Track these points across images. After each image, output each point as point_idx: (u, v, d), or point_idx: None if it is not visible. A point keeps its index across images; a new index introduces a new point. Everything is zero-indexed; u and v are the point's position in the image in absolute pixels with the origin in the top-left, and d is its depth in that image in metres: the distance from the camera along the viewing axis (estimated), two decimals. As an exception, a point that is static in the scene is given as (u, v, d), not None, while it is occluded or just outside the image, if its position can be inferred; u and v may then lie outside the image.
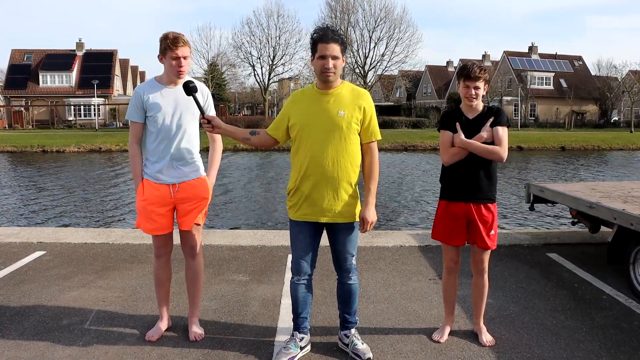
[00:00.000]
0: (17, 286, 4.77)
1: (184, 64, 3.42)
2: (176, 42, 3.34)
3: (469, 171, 3.55)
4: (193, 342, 3.68)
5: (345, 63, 3.34)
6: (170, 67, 3.41)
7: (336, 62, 3.20)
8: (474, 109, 3.59)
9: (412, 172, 22.10)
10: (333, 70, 3.19)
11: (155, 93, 3.48)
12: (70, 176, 20.17)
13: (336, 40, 3.18)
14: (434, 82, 71.76)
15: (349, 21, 51.69)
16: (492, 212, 3.61)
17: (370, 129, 3.34)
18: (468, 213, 3.59)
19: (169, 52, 3.36)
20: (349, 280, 3.49)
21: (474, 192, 3.56)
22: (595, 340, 3.75)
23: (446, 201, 3.67)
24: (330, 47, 3.16)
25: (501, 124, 3.52)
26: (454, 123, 3.59)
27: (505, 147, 3.49)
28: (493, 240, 3.62)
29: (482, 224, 3.57)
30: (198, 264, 3.78)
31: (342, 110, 3.23)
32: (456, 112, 3.64)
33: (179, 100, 3.49)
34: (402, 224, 11.60)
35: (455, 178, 3.61)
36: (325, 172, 3.24)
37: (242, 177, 20.04)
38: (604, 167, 25.27)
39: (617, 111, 66.22)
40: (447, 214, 3.65)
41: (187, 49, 3.40)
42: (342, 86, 3.32)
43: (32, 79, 54.45)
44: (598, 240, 6.47)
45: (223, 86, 56.05)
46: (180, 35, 3.40)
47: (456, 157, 3.57)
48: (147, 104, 3.46)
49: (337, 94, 3.28)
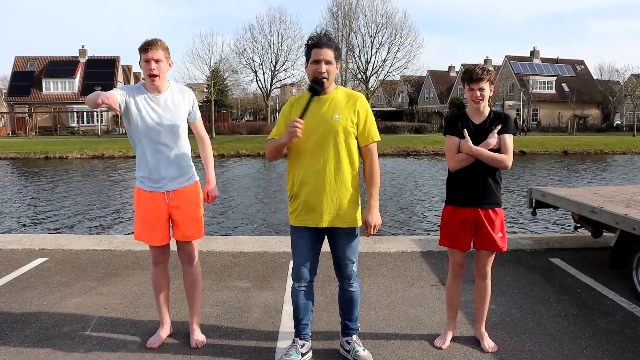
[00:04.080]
0: (19, 293, 4.77)
1: (154, 67, 3.37)
2: (148, 44, 3.35)
3: (476, 176, 3.55)
4: (194, 348, 3.67)
5: (340, 70, 3.33)
6: (144, 68, 3.40)
7: (329, 67, 3.20)
8: (480, 113, 3.58)
9: (413, 177, 22.08)
10: (326, 75, 3.19)
11: (140, 95, 3.44)
12: (73, 183, 20.20)
13: (329, 45, 3.19)
14: (436, 87, 71.78)
15: (351, 27, 51.69)
16: (499, 215, 3.61)
17: (367, 131, 3.31)
18: (475, 218, 3.59)
19: (142, 54, 3.37)
20: (349, 287, 3.48)
21: (481, 197, 3.56)
22: (598, 346, 3.73)
23: (453, 206, 3.66)
24: (323, 52, 3.17)
25: (508, 132, 3.53)
26: (459, 127, 3.58)
27: (511, 155, 3.51)
28: (502, 242, 3.62)
29: (490, 227, 3.57)
30: (196, 270, 3.78)
31: (337, 114, 3.23)
32: (461, 117, 3.63)
33: (166, 108, 3.46)
34: (405, 229, 11.58)
35: (462, 183, 3.60)
36: (323, 177, 3.24)
37: (244, 182, 20.05)
38: (606, 171, 25.21)
39: (620, 115, 66.10)
40: (453, 218, 3.64)
41: (159, 52, 3.37)
42: (336, 91, 3.32)
43: (35, 86, 54.66)
44: (601, 245, 6.44)
45: (225, 92, 56.07)
46: (156, 39, 3.39)
47: (463, 163, 3.56)
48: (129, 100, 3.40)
49: (332, 98, 3.28)
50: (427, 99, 73.45)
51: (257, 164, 28.93)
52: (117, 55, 58.24)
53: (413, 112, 62.91)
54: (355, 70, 51.36)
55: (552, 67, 63.54)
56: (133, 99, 3.43)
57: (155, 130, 3.44)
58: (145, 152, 3.49)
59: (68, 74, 55.37)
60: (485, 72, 3.49)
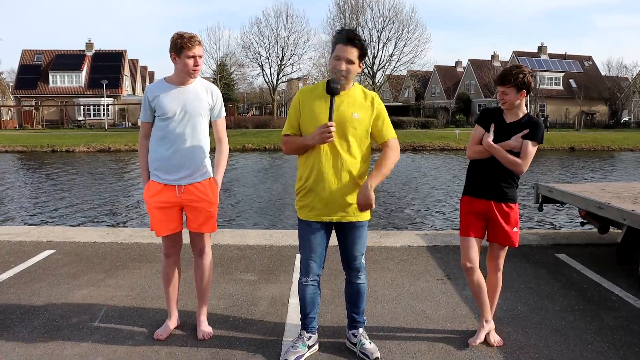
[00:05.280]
0: (27, 285, 4.81)
1: (200, 63, 3.45)
2: (192, 41, 3.38)
3: (492, 171, 3.55)
4: (201, 340, 3.69)
5: (362, 70, 3.31)
6: (185, 66, 3.41)
7: (350, 66, 3.16)
8: (514, 114, 3.55)
9: (420, 172, 22.05)
10: (344, 74, 3.16)
11: (164, 93, 3.49)
12: (80, 176, 20.29)
13: (355, 44, 3.14)
14: (443, 82, 71.54)
15: (358, 21, 51.64)
16: (513, 210, 3.61)
17: (385, 129, 3.31)
18: (489, 210, 3.59)
19: (186, 50, 3.38)
20: (357, 279, 3.49)
21: (494, 191, 3.57)
22: (604, 342, 3.73)
23: (468, 197, 3.67)
24: (347, 50, 3.13)
25: (534, 140, 3.48)
26: (490, 121, 3.58)
27: (528, 162, 3.47)
28: (515, 237, 3.62)
29: (503, 220, 3.57)
30: (207, 263, 3.80)
31: (356, 112, 3.22)
32: (497, 112, 3.63)
33: (188, 101, 3.50)
34: (411, 224, 11.58)
35: (478, 175, 3.62)
36: (336, 172, 3.23)
37: (250, 176, 20.08)
38: (613, 167, 25.11)
39: (628, 111, 65.73)
40: (468, 208, 3.66)
41: (201, 49, 3.45)
42: (354, 88, 3.30)
43: (42, 79, 54.85)
44: (607, 240, 6.43)
45: (232, 86, 56.16)
46: (195, 34, 3.44)
47: (478, 155, 3.59)
48: (154, 104, 3.49)
49: (350, 95, 3.26)
50: (433, 94, 73.21)
51: (264, 158, 28.97)
52: (124, 49, 58.35)
53: (419, 107, 62.74)
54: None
55: (559, 63, 63.21)
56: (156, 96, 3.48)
57: (180, 118, 3.48)
58: (160, 145, 3.52)
59: (75, 67, 55.52)
60: (511, 77, 3.40)
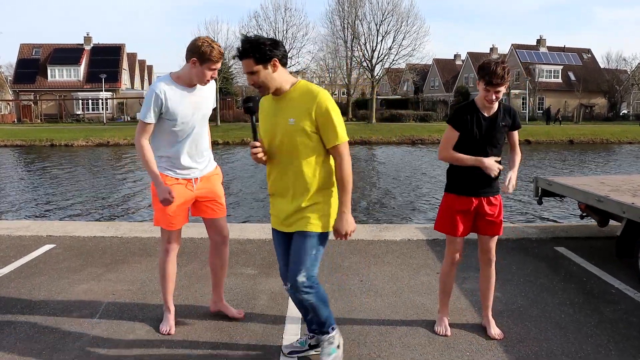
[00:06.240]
0: (28, 279, 4.82)
1: (215, 76, 3.52)
2: (220, 56, 3.41)
3: (480, 169, 3.53)
4: (239, 318, 3.96)
5: (276, 68, 2.97)
6: (204, 76, 3.44)
7: (256, 76, 2.92)
8: (490, 107, 3.52)
9: (419, 165, 22.05)
10: (256, 87, 2.98)
11: (176, 95, 3.48)
12: (79, 170, 20.27)
13: (246, 54, 2.89)
14: (442, 75, 71.44)
15: (356, 15, 51.38)
16: (498, 201, 3.67)
17: (329, 133, 2.96)
18: (478, 206, 3.60)
19: (210, 63, 3.39)
20: (291, 296, 3.20)
21: (484, 187, 3.58)
22: (604, 334, 3.75)
23: (454, 195, 3.65)
24: (243, 64, 2.93)
25: (519, 127, 3.66)
26: (467, 122, 3.49)
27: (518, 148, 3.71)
28: (501, 226, 3.68)
29: (492, 212, 3.62)
30: (227, 250, 3.96)
31: (292, 117, 2.95)
32: (471, 108, 3.52)
33: (201, 103, 3.61)
34: (410, 217, 11.60)
35: (466, 174, 3.56)
36: (284, 181, 3.09)
37: (249, 170, 20.07)
38: (613, 160, 25.12)
39: (627, 104, 65.73)
40: (454, 206, 3.64)
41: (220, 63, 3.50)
42: (293, 89, 3.02)
43: (41, 73, 54.72)
44: (607, 234, 6.44)
45: (230, 80, 55.87)
46: (222, 49, 3.46)
47: (455, 162, 3.58)
48: (167, 106, 3.46)
49: (287, 99, 3.02)
50: (432, 87, 73.13)
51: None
52: (123, 43, 58.24)
53: (418, 100, 62.69)
54: (360, 59, 51.12)
55: (558, 56, 63.09)
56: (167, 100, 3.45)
57: (190, 121, 3.55)
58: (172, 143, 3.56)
59: (73, 61, 55.37)
60: (505, 76, 3.36)
